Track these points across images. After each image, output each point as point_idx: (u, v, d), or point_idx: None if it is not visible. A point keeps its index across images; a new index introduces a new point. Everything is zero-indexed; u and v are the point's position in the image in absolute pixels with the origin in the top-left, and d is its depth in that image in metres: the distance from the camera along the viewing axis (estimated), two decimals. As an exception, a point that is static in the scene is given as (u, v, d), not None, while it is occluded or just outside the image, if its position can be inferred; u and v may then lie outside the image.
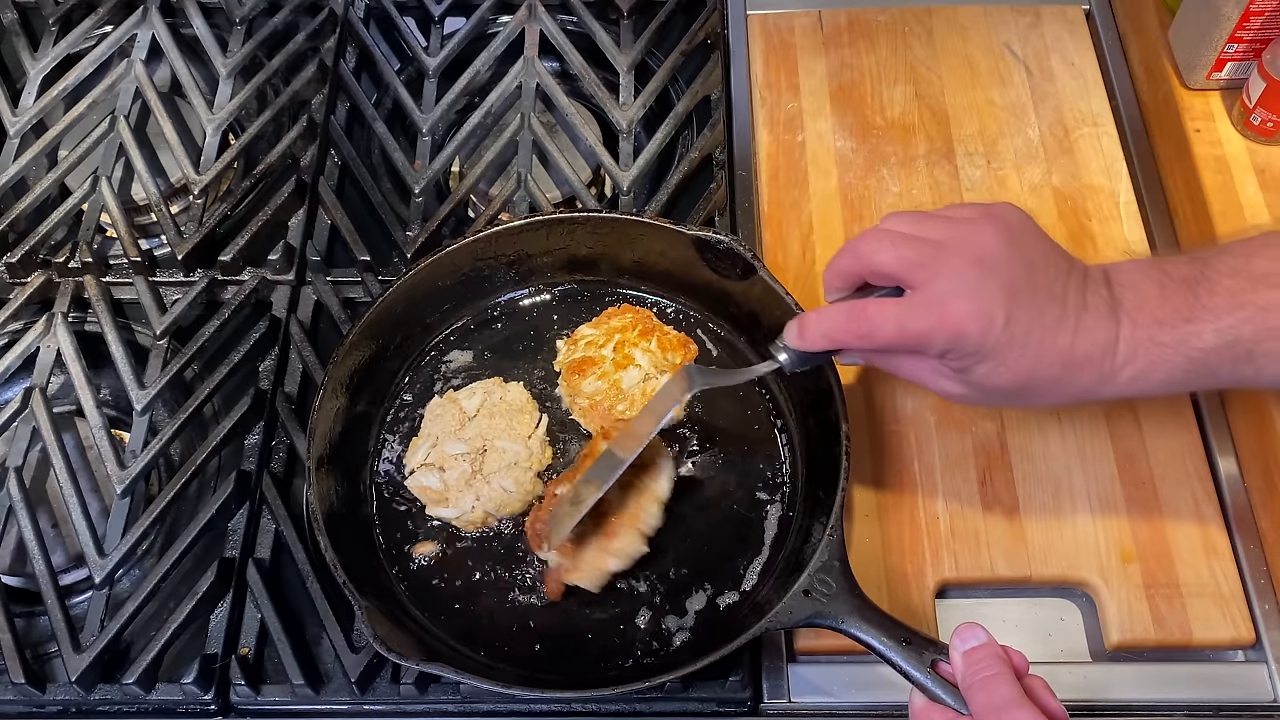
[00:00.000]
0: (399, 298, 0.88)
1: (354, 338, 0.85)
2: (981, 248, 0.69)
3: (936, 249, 0.69)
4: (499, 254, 0.92)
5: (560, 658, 0.80)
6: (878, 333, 0.70)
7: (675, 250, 0.90)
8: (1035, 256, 0.70)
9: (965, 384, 0.72)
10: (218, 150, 1.07)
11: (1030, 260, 0.69)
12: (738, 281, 0.88)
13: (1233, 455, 0.89)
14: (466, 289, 0.93)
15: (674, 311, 0.94)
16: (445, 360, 0.93)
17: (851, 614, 0.71)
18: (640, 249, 0.92)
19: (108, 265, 1.02)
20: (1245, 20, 0.94)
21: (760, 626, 0.72)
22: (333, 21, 1.16)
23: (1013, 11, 1.14)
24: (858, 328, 0.71)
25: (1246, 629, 0.81)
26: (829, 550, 0.74)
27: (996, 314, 0.67)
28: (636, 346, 0.88)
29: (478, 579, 0.83)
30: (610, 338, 0.89)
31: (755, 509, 0.85)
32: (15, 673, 0.80)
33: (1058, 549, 0.84)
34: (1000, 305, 0.67)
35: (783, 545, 0.83)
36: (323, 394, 0.83)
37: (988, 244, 0.69)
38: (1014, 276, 0.68)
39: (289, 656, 0.80)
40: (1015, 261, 0.69)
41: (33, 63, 1.14)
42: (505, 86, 1.10)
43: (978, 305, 0.67)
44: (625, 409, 0.86)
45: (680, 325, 0.93)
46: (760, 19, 1.15)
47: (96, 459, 0.92)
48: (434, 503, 0.84)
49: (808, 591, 0.72)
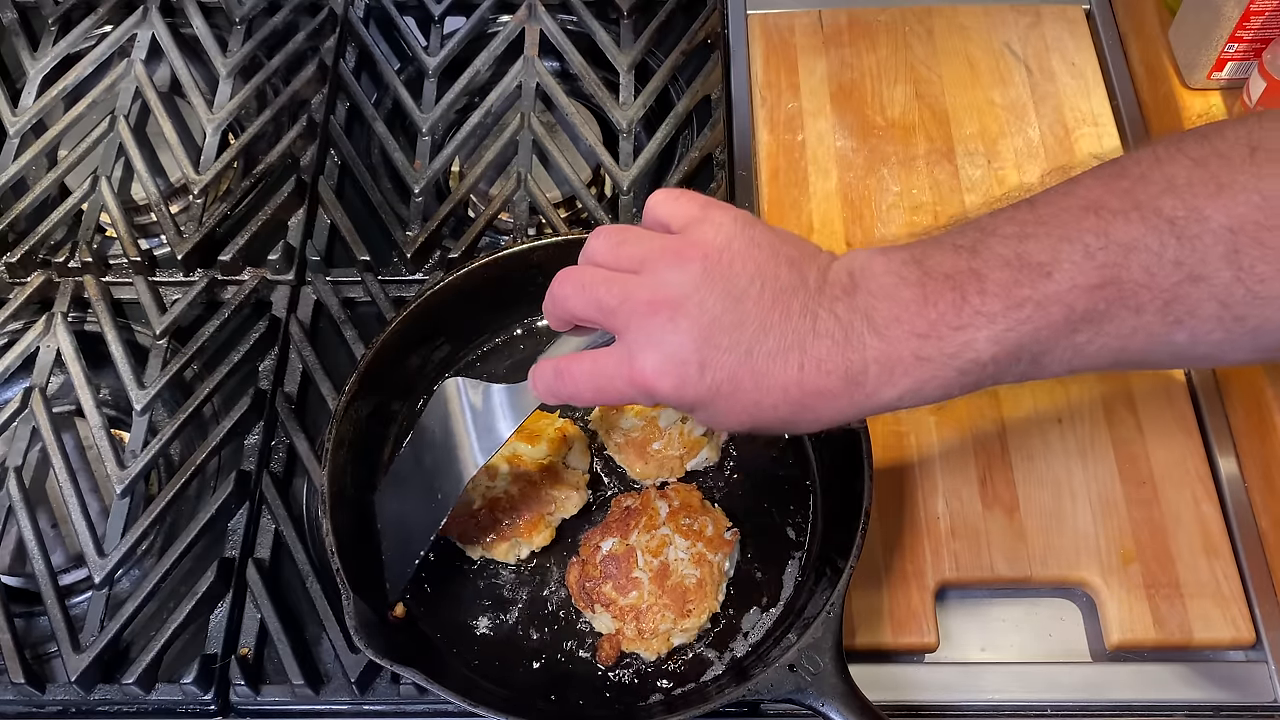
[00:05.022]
0: (448, 291, 0.87)
1: (400, 324, 0.85)
2: (671, 284, 0.60)
3: (628, 290, 0.61)
4: (551, 264, 0.90)
5: (540, 681, 0.79)
6: (579, 396, 0.64)
7: None
8: (742, 282, 0.59)
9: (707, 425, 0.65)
10: (217, 150, 1.07)
11: (734, 290, 0.59)
12: None
13: (1233, 455, 0.89)
14: (502, 299, 0.92)
15: None
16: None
17: (836, 698, 0.69)
18: None
19: (107, 265, 1.02)
20: (1246, 20, 0.94)
21: (737, 693, 0.70)
22: (332, 21, 1.16)
23: (1013, 11, 1.14)
24: (558, 391, 0.65)
25: (1247, 629, 0.81)
26: (824, 628, 0.71)
27: (688, 364, 0.59)
28: None
29: (489, 604, 0.82)
30: None
31: (776, 564, 0.83)
32: (15, 673, 0.80)
33: (1058, 549, 0.84)
34: (692, 353, 0.59)
35: (794, 605, 0.81)
36: (355, 376, 0.82)
37: (679, 279, 0.60)
38: (709, 316, 0.59)
39: (289, 656, 0.80)
40: (712, 296, 0.59)
41: (32, 63, 1.14)
42: (505, 86, 1.10)
43: (664, 358, 0.59)
44: (661, 447, 0.85)
45: None
46: (760, 19, 1.15)
47: (96, 459, 0.92)
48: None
49: (793, 666, 0.70)
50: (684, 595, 0.78)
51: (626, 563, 0.79)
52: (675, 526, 0.80)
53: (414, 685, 0.80)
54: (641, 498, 0.82)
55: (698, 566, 0.78)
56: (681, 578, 0.78)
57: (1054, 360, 0.58)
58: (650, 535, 0.80)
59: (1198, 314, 0.56)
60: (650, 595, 0.78)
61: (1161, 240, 0.55)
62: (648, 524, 0.80)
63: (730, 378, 0.59)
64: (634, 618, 0.78)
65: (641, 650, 0.78)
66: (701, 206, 0.63)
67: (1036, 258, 0.56)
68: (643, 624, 0.77)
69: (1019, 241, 0.57)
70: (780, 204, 1.02)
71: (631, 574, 0.78)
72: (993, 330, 0.56)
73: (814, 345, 0.58)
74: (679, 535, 0.79)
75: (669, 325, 0.59)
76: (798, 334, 0.58)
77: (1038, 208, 0.58)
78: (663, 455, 0.85)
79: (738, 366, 0.59)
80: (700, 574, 0.78)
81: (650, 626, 0.77)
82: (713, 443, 0.86)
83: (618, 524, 0.81)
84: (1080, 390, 0.91)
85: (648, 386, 0.60)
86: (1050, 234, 0.57)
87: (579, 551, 0.82)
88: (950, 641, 0.83)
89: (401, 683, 0.80)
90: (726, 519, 0.82)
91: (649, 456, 0.85)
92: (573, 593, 0.81)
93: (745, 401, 0.60)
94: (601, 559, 0.80)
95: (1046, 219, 0.57)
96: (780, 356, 0.58)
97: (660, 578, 0.78)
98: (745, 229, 0.61)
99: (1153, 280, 0.55)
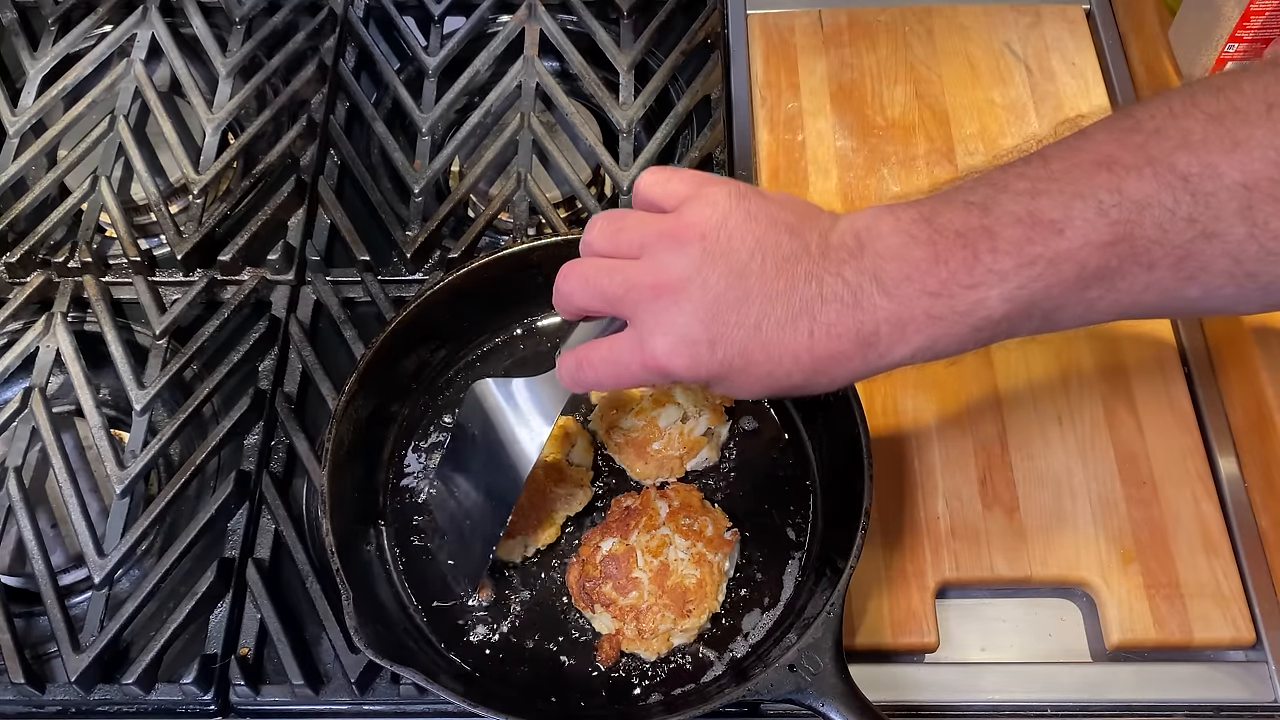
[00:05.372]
0: (448, 291, 0.87)
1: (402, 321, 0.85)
2: (672, 266, 0.60)
3: (630, 277, 0.62)
4: (550, 264, 0.90)
5: (541, 681, 0.79)
6: (600, 383, 0.65)
7: None
8: (742, 257, 0.60)
9: (726, 395, 0.66)
10: (217, 150, 1.07)
11: (736, 264, 0.59)
12: None
13: (1233, 455, 0.89)
14: (501, 299, 0.92)
15: None
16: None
17: (836, 698, 0.69)
18: None
19: (107, 265, 1.02)
20: (1245, 20, 0.94)
21: (737, 693, 0.71)
22: (332, 21, 1.16)
23: (1013, 11, 1.14)
24: (581, 381, 0.66)
25: (1247, 629, 0.81)
26: (824, 628, 0.71)
27: (699, 343, 0.60)
28: (676, 384, 0.86)
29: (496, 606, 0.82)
30: None
31: (776, 564, 0.83)
32: (15, 673, 0.80)
33: (1058, 549, 0.84)
34: (701, 332, 0.59)
35: (794, 605, 0.81)
36: (354, 377, 0.82)
37: (679, 262, 0.60)
38: (713, 294, 0.59)
39: (289, 657, 0.80)
40: (714, 274, 0.59)
41: (32, 62, 1.14)
42: (505, 86, 1.10)
43: (674, 339, 0.60)
44: (661, 447, 0.85)
45: None
46: (760, 19, 1.15)
47: (96, 459, 0.92)
48: None
49: (793, 667, 0.70)
50: (684, 595, 0.78)
51: (626, 563, 0.79)
52: (675, 526, 0.80)
53: (414, 685, 0.80)
54: (641, 497, 0.82)
55: (698, 566, 0.78)
56: (681, 578, 0.78)
57: (1066, 316, 0.59)
58: (650, 535, 0.80)
59: (1210, 270, 0.56)
60: (650, 595, 0.78)
61: (1175, 197, 0.55)
62: (648, 524, 0.80)
63: (741, 352, 0.60)
64: (634, 618, 0.78)
65: (641, 650, 0.78)
66: (694, 184, 0.63)
67: (1049, 214, 0.56)
68: (643, 624, 0.77)
69: (1031, 198, 0.57)
70: (780, 204, 1.02)
71: (631, 574, 0.78)
72: (1005, 288, 0.57)
73: (822, 311, 0.59)
74: (679, 535, 0.79)
75: (675, 308, 0.60)
76: (805, 301, 0.59)
77: (1050, 163, 0.58)
78: (663, 455, 0.85)
79: (747, 340, 0.59)
80: (700, 574, 0.78)
81: (650, 626, 0.77)
82: (713, 443, 0.86)
83: (617, 524, 0.81)
84: (1080, 390, 0.91)
85: (661, 368, 0.61)
86: (1063, 190, 0.56)
87: (579, 552, 0.82)
88: (950, 641, 0.83)
89: (401, 683, 0.80)
90: (726, 519, 0.82)
91: (649, 456, 0.85)
92: (573, 593, 0.81)
93: (758, 373, 0.60)
94: (601, 559, 0.80)
95: (1059, 175, 0.57)
96: (789, 325, 0.59)
97: (660, 578, 0.78)
98: (740, 202, 0.61)
99: (1166, 237, 0.55)
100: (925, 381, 0.92)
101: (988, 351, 0.93)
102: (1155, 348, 0.93)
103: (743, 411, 0.89)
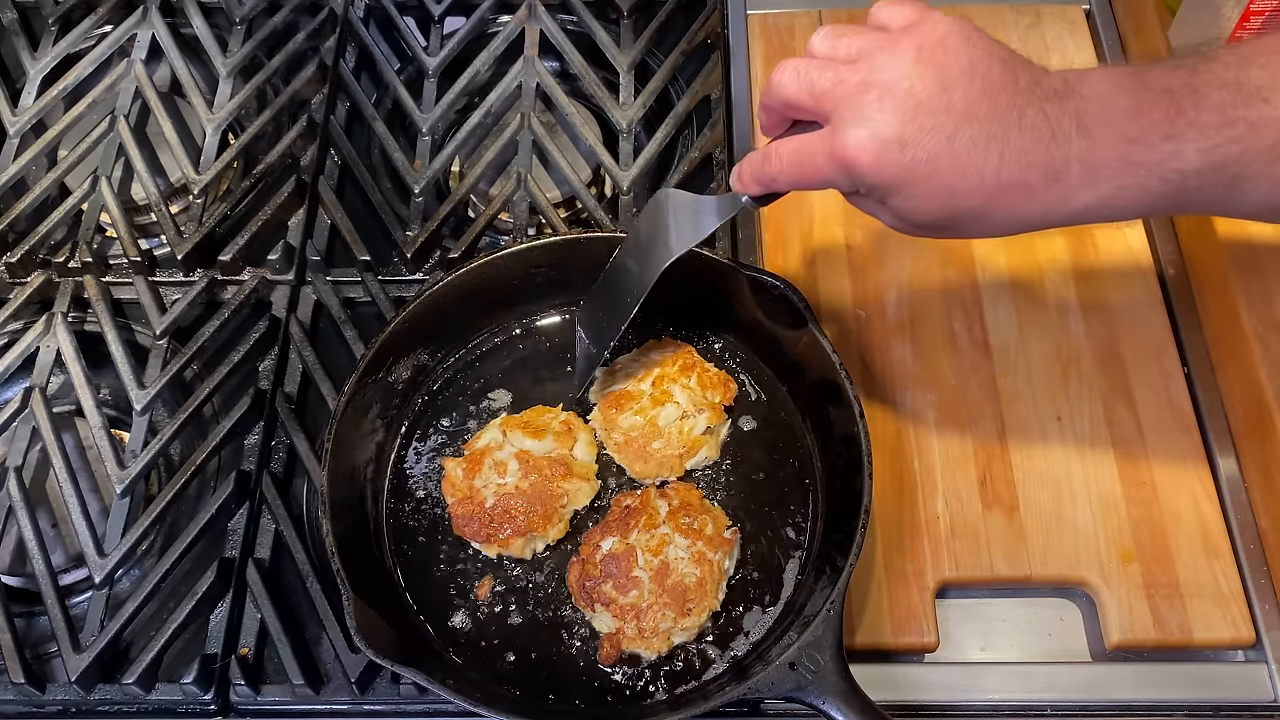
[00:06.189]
0: (448, 290, 0.88)
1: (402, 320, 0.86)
2: (884, 68, 0.62)
3: (841, 75, 0.63)
4: (550, 264, 0.90)
5: (542, 681, 0.79)
6: (781, 176, 0.67)
7: (727, 286, 0.88)
8: (953, 72, 0.61)
9: (893, 216, 0.66)
10: (217, 150, 1.07)
11: (946, 77, 0.61)
12: (787, 329, 0.86)
13: (1232, 455, 0.89)
14: (501, 298, 0.92)
15: (720, 348, 0.93)
16: (489, 396, 0.91)
17: (836, 696, 0.69)
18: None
19: (107, 265, 1.02)
20: (1245, 20, 0.94)
21: (738, 691, 0.71)
22: (333, 21, 1.16)
23: (1013, 11, 1.14)
24: (763, 173, 0.68)
25: (1246, 629, 0.81)
26: (824, 626, 0.71)
27: (890, 141, 0.61)
28: (675, 383, 0.87)
29: (491, 598, 0.82)
30: (650, 372, 0.88)
31: (776, 563, 0.83)
32: (15, 673, 0.80)
33: (1058, 549, 0.84)
34: (895, 131, 0.61)
35: (794, 604, 0.81)
36: (354, 377, 0.82)
37: (891, 64, 0.62)
38: (916, 99, 0.61)
39: (289, 656, 0.80)
40: (921, 81, 0.61)
41: (32, 62, 1.14)
42: (505, 86, 1.10)
43: (867, 133, 0.61)
44: (660, 446, 0.85)
45: (722, 363, 0.91)
46: (760, 19, 1.15)
47: (96, 459, 0.92)
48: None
49: (794, 665, 0.70)
50: (684, 594, 0.78)
51: (626, 562, 0.79)
52: (675, 525, 0.80)
53: (414, 685, 0.80)
54: (641, 497, 0.83)
55: (698, 565, 0.78)
56: (682, 576, 0.78)
57: (1252, 189, 0.60)
58: (650, 534, 0.80)
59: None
60: (650, 594, 0.78)
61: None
62: (648, 523, 0.80)
63: (929, 158, 0.61)
64: (634, 617, 0.78)
65: (642, 649, 0.78)
66: (921, 10, 0.65)
67: (1256, 82, 0.58)
68: (643, 623, 0.77)
69: (1239, 69, 0.59)
70: (780, 204, 1.01)
71: (632, 573, 0.78)
72: (1203, 143, 0.58)
73: (1018, 138, 0.60)
74: (679, 534, 0.79)
75: (876, 104, 0.61)
76: (1003, 126, 0.60)
77: (1263, 40, 0.60)
78: (663, 454, 0.85)
79: (939, 149, 0.60)
80: (700, 573, 0.78)
81: (651, 625, 0.77)
82: (712, 441, 0.87)
83: (617, 523, 0.81)
84: (1080, 390, 0.91)
85: (848, 160, 0.62)
86: (1271, 64, 0.59)
87: (579, 551, 0.82)
88: (950, 641, 0.83)
89: (401, 683, 0.80)
90: (726, 518, 0.82)
91: (649, 456, 0.85)
92: (573, 592, 0.81)
93: (940, 186, 0.61)
94: (601, 558, 0.80)
95: (1268, 49, 0.59)
96: (982, 145, 0.60)
97: (660, 576, 0.78)
98: (963, 27, 0.63)
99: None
100: (925, 380, 0.92)
101: (988, 349, 0.93)
102: (1155, 347, 0.93)
103: (742, 411, 0.89)
